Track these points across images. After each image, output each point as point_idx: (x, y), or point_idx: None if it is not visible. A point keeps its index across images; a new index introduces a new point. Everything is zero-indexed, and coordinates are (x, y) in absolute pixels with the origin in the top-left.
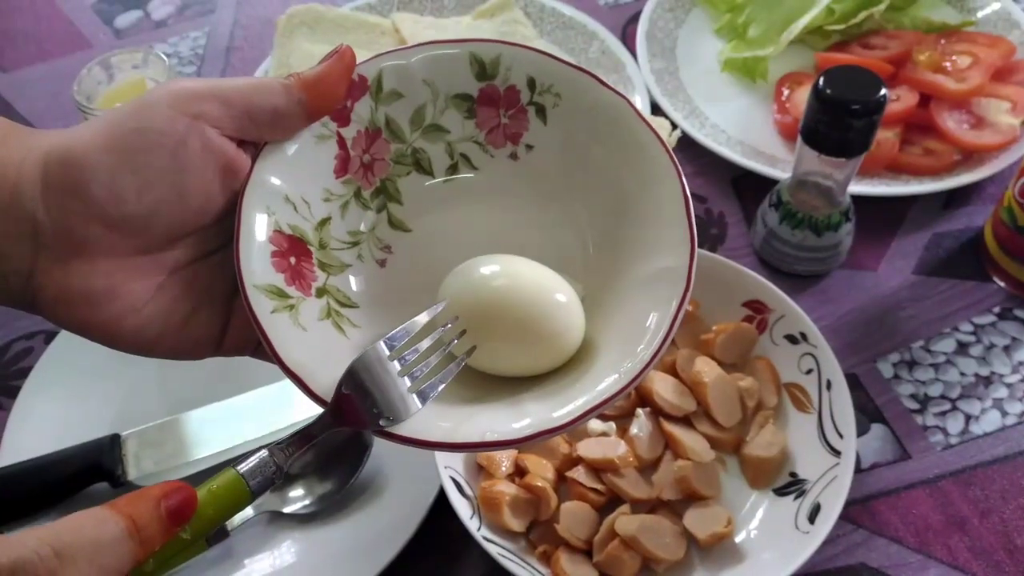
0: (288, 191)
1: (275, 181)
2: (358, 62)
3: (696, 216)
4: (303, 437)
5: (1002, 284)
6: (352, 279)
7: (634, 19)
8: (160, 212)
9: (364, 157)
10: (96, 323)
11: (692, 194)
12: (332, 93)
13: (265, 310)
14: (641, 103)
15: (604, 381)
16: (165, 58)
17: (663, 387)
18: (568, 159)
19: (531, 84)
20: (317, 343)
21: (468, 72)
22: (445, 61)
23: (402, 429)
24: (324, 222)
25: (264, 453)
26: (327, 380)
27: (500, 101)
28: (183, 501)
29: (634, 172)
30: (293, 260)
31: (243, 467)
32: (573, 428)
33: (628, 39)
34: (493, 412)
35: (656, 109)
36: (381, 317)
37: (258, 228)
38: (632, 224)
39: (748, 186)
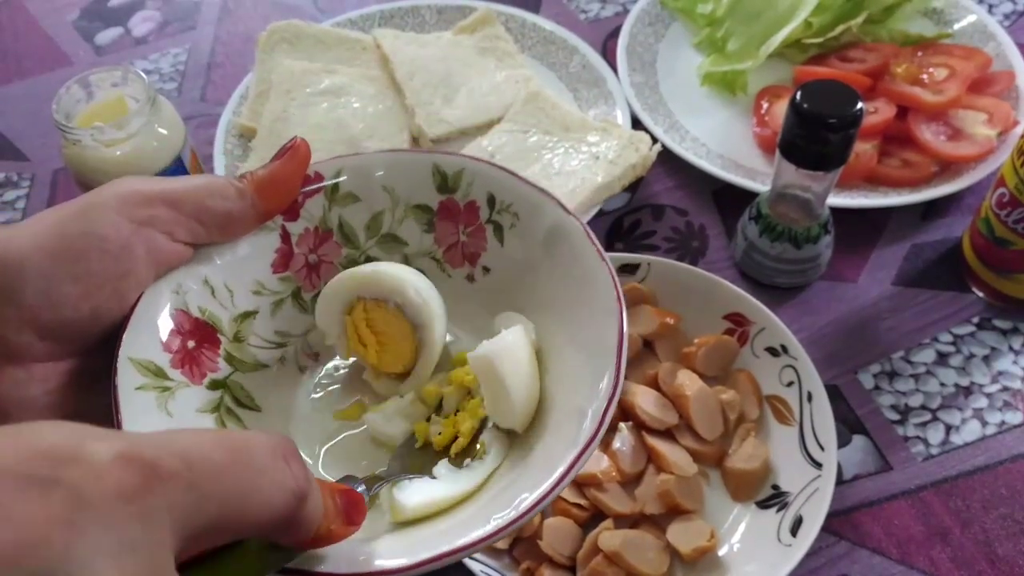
0: (208, 273)
1: (198, 260)
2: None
3: (677, 229)
4: None
5: (980, 294)
6: (262, 381)
7: (614, 33)
8: (98, 318)
9: (311, 257)
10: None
11: (673, 207)
12: (285, 193)
13: (129, 384)
14: (622, 117)
15: (473, 530)
16: (144, 76)
17: (645, 400)
18: (520, 281)
19: (491, 201)
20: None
21: (430, 183)
22: (407, 168)
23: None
24: (248, 315)
25: None
26: None
27: (460, 216)
28: (356, 500)
29: (581, 302)
30: (191, 344)
31: None
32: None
33: (608, 53)
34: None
35: (636, 123)
36: (283, 430)
37: (161, 303)
38: (568, 353)
39: (728, 199)
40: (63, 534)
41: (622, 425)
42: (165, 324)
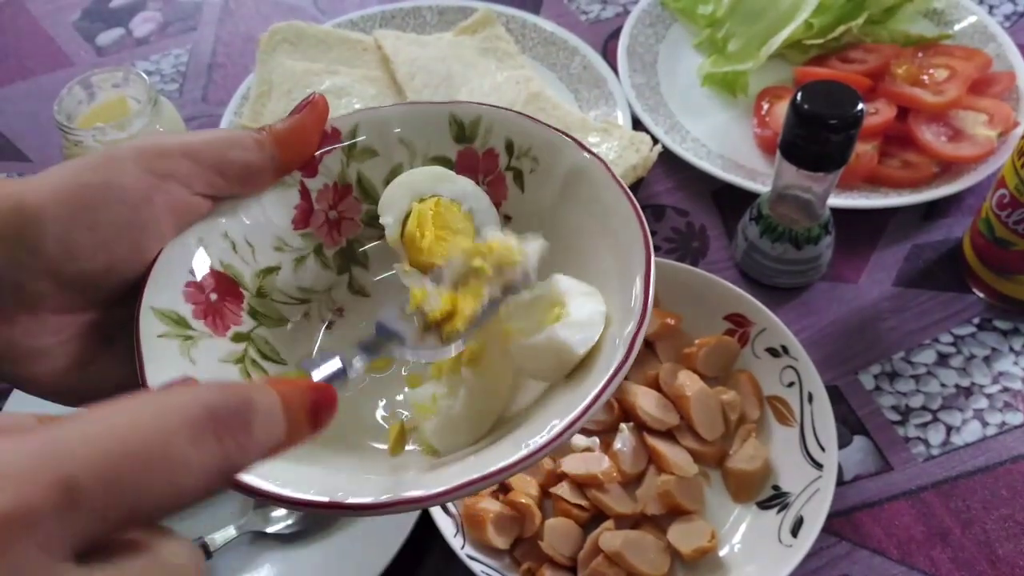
0: (229, 228)
1: (218, 215)
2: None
3: (678, 229)
4: None
5: (981, 295)
6: (287, 335)
7: (615, 34)
8: (116, 270)
9: (331, 213)
10: (36, 378)
11: (674, 208)
12: (304, 146)
13: (151, 332)
14: (623, 118)
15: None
16: (146, 77)
17: (646, 401)
18: (543, 225)
19: (509, 147)
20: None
21: (447, 133)
22: (423, 120)
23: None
24: (270, 271)
25: None
26: None
27: (479, 166)
28: (327, 400)
29: (607, 240)
30: (214, 296)
31: None
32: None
33: (609, 54)
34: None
35: (637, 124)
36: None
37: (184, 255)
38: (596, 285)
39: (729, 199)
40: None
41: (623, 426)
42: (188, 276)
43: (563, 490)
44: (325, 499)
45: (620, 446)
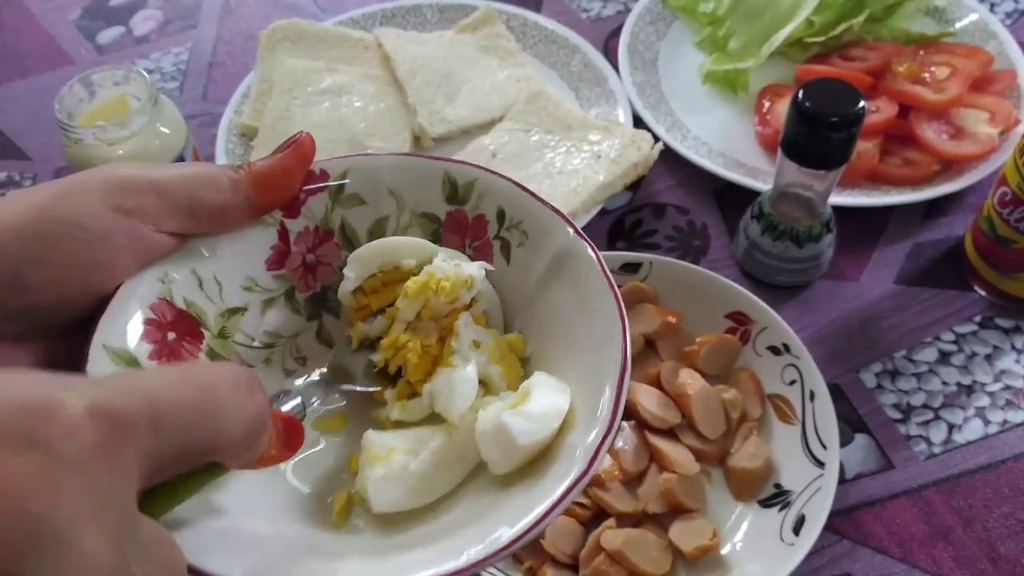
0: (197, 264)
1: (189, 249)
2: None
3: (679, 228)
4: None
5: (983, 293)
6: None
7: (616, 32)
8: (66, 305)
9: (308, 257)
10: None
11: (675, 206)
12: (284, 188)
13: (99, 373)
14: (624, 116)
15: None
16: (147, 75)
17: (647, 399)
18: (524, 302)
19: (500, 216)
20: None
21: (439, 191)
22: (416, 174)
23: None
24: (235, 311)
25: None
26: None
27: (467, 230)
28: (296, 426)
29: (583, 331)
30: (172, 336)
31: None
32: None
33: (610, 52)
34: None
35: (638, 122)
36: None
37: (142, 291)
38: (566, 375)
39: (730, 198)
40: (44, 495)
41: (624, 424)
42: (145, 313)
43: None
44: None
45: (621, 444)
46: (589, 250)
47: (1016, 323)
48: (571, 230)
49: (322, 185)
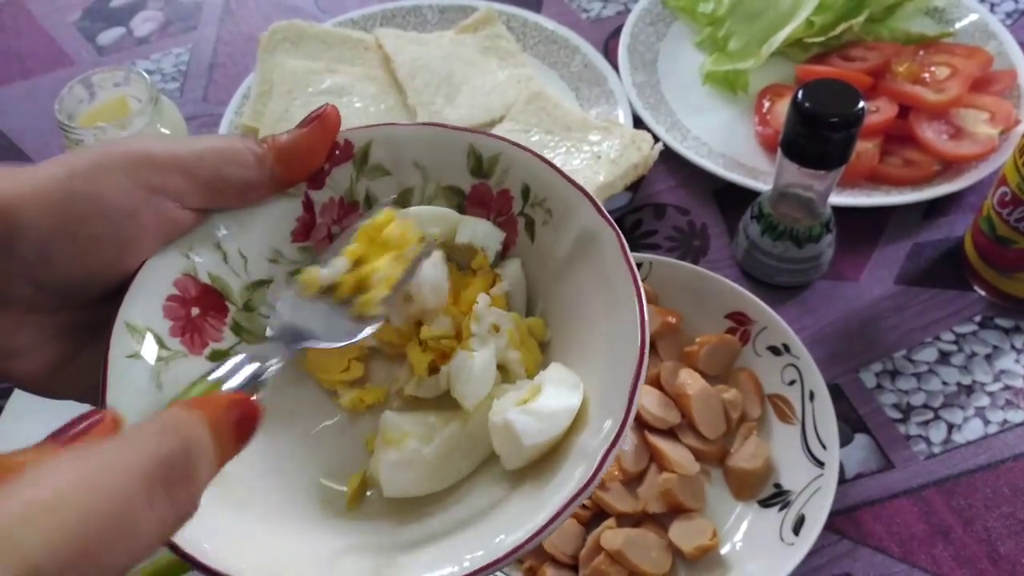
0: (222, 239)
1: (212, 223)
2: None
3: (679, 228)
4: None
5: (982, 293)
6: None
7: (616, 33)
8: (94, 279)
9: (334, 228)
10: (15, 375)
11: (675, 206)
12: (308, 163)
13: (121, 351)
14: (623, 116)
15: (492, 542)
16: (147, 76)
17: (648, 400)
18: (544, 282)
19: (525, 193)
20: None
21: (464, 164)
22: (441, 145)
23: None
24: (261, 283)
25: None
26: None
27: (492, 204)
28: (249, 414)
29: (600, 319)
30: (196, 311)
31: None
32: None
33: (610, 53)
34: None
35: (638, 122)
36: (282, 411)
37: (165, 267)
38: (578, 371)
39: (730, 198)
40: None
41: None
42: (168, 290)
43: None
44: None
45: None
46: (613, 232)
47: (1016, 323)
48: (596, 211)
49: (347, 158)
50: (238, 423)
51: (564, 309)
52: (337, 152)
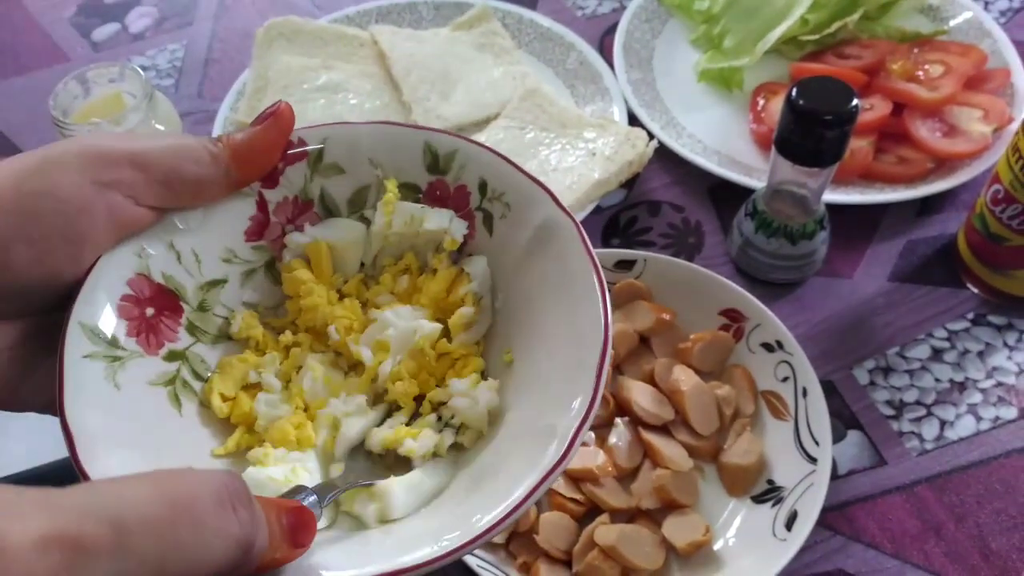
0: (175, 238)
1: (165, 223)
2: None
3: (673, 225)
4: None
5: (975, 290)
6: (225, 354)
7: (611, 30)
8: (53, 281)
9: (288, 227)
10: None
11: (669, 203)
12: (263, 161)
13: (76, 352)
14: (619, 113)
15: (444, 537)
16: (141, 72)
17: (641, 396)
18: (504, 275)
19: (483, 188)
20: (127, 411)
21: (420, 161)
22: (397, 143)
23: None
24: (215, 283)
25: None
26: (112, 462)
27: (449, 200)
28: (304, 518)
29: (563, 307)
30: (150, 311)
31: None
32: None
33: (606, 50)
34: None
35: (633, 119)
36: None
37: (119, 266)
38: (540, 358)
39: (725, 195)
40: None
41: (618, 420)
42: (122, 290)
43: (558, 484)
44: None
45: (615, 441)
46: (572, 224)
47: (1008, 320)
48: (554, 203)
49: (300, 151)
50: (294, 527)
51: (525, 300)
52: (292, 151)
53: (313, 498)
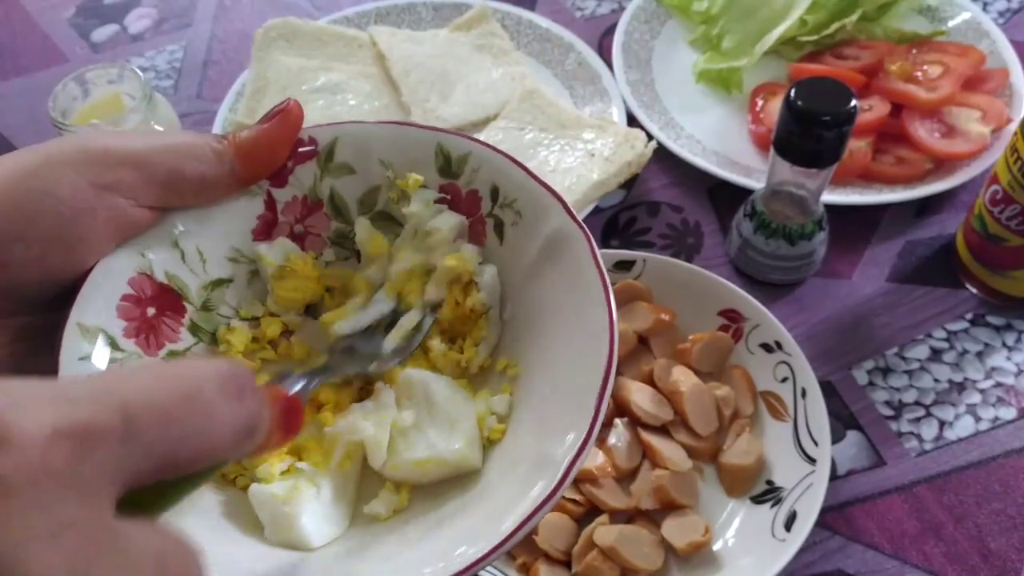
0: (180, 237)
1: (170, 221)
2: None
3: (672, 226)
4: None
5: (974, 291)
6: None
7: (610, 31)
8: (49, 281)
9: (296, 227)
10: None
11: (668, 204)
12: (270, 160)
13: (73, 353)
14: (618, 114)
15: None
16: (140, 73)
17: (640, 397)
18: (511, 285)
19: (494, 194)
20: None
21: (432, 163)
22: (409, 144)
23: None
24: (220, 283)
25: None
26: None
27: (460, 204)
28: (296, 406)
29: (567, 325)
30: (151, 311)
31: None
32: None
33: (604, 51)
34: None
35: (632, 120)
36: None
37: (120, 267)
38: (538, 379)
39: (724, 196)
40: None
41: (617, 421)
42: (123, 289)
43: None
44: None
45: (614, 441)
46: (583, 236)
47: (1007, 321)
48: (566, 213)
49: (310, 150)
50: (285, 414)
51: (532, 312)
52: (301, 149)
53: (301, 384)
